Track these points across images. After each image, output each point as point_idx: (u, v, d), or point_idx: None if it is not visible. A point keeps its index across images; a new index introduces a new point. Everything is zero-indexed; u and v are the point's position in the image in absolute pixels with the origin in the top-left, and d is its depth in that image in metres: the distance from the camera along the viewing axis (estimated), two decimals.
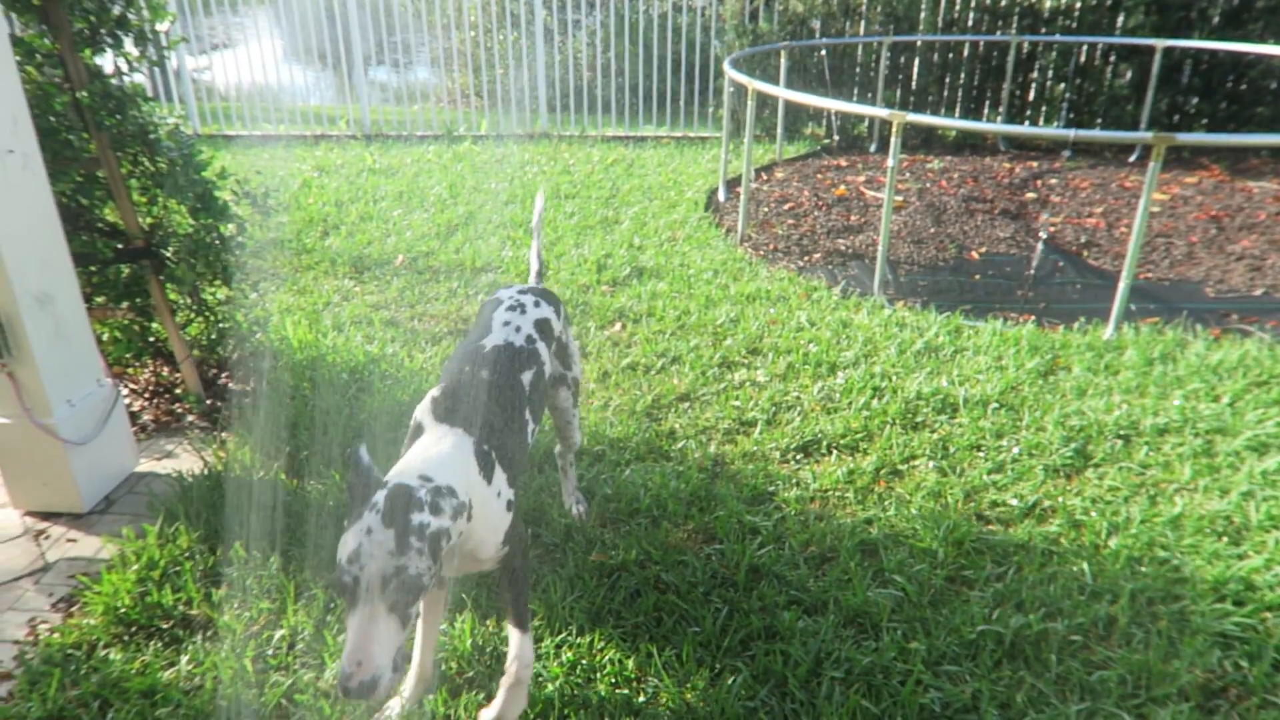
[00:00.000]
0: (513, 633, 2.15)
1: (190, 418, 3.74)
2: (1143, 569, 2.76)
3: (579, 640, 2.47)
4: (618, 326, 4.51)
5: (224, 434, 3.56)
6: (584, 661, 2.41)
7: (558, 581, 2.68)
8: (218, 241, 3.72)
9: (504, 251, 5.59)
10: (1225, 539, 2.90)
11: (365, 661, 1.58)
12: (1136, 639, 2.49)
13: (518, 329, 2.46)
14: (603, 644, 2.46)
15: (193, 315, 3.93)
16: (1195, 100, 9.31)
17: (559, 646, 2.45)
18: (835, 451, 3.42)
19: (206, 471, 3.20)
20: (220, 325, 3.97)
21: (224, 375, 4.00)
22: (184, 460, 3.42)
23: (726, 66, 6.55)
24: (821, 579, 2.71)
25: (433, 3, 10.39)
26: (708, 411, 3.70)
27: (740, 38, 9.36)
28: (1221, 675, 2.37)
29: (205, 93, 9.91)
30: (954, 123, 5.04)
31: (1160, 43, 8.26)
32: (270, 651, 2.44)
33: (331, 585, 1.62)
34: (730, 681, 2.31)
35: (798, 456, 3.40)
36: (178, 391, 3.88)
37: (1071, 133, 4.49)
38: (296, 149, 8.70)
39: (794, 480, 3.23)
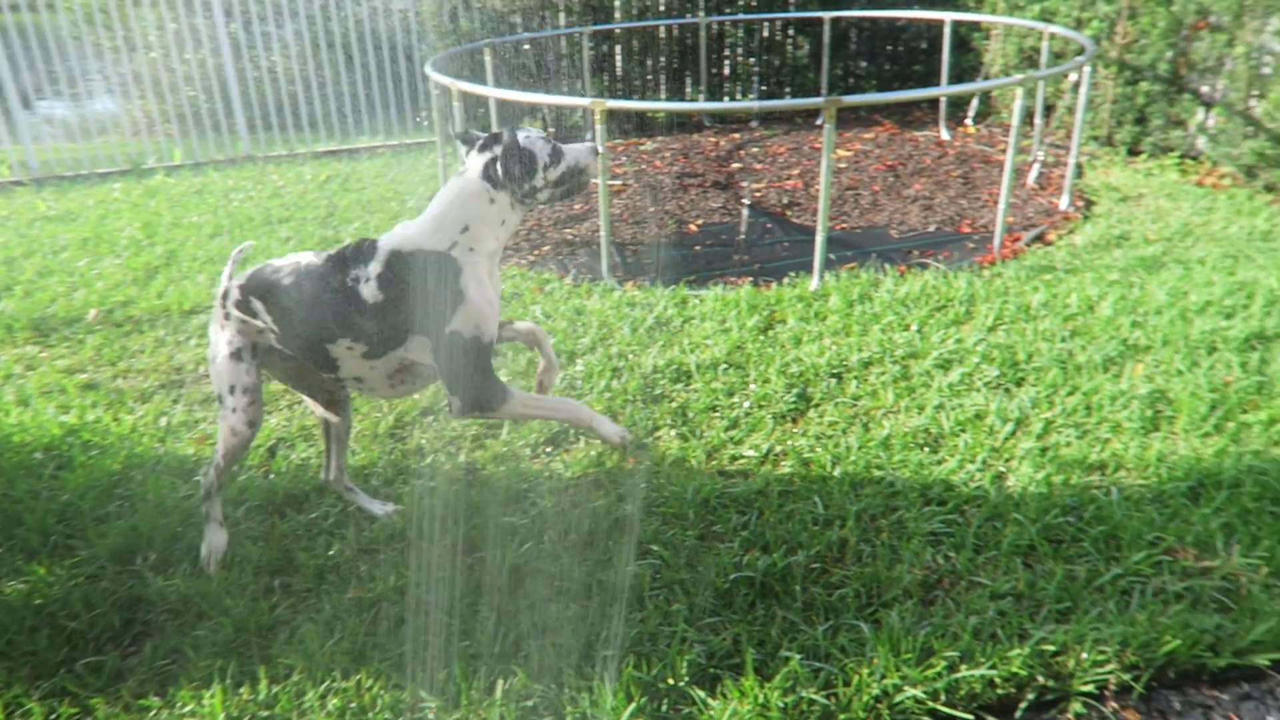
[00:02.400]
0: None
1: None
2: (864, 490, 3.05)
3: (344, 684, 2.36)
4: None
5: None
6: (353, 704, 2.31)
7: (315, 628, 2.54)
8: None
9: (215, 289, 5.18)
10: (926, 449, 3.27)
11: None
12: (865, 554, 2.75)
13: None
14: (371, 682, 2.36)
15: None
16: (863, 64, 10.37)
17: (324, 696, 2.33)
18: (583, 438, 3.49)
19: None
20: None
21: None
22: None
23: (428, 69, 6.44)
24: (583, 564, 2.77)
25: (95, 25, 9.37)
26: (453, 421, 3.66)
27: (442, 38, 9.24)
28: (935, 569, 2.68)
29: None
30: (650, 105, 5.29)
31: (827, 14, 9.09)
32: None
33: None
34: (505, 686, 2.31)
35: (548, 449, 3.45)
36: None
37: (756, 104, 4.84)
38: None
39: (547, 473, 3.27)
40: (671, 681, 2.32)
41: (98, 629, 2.60)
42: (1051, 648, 2.34)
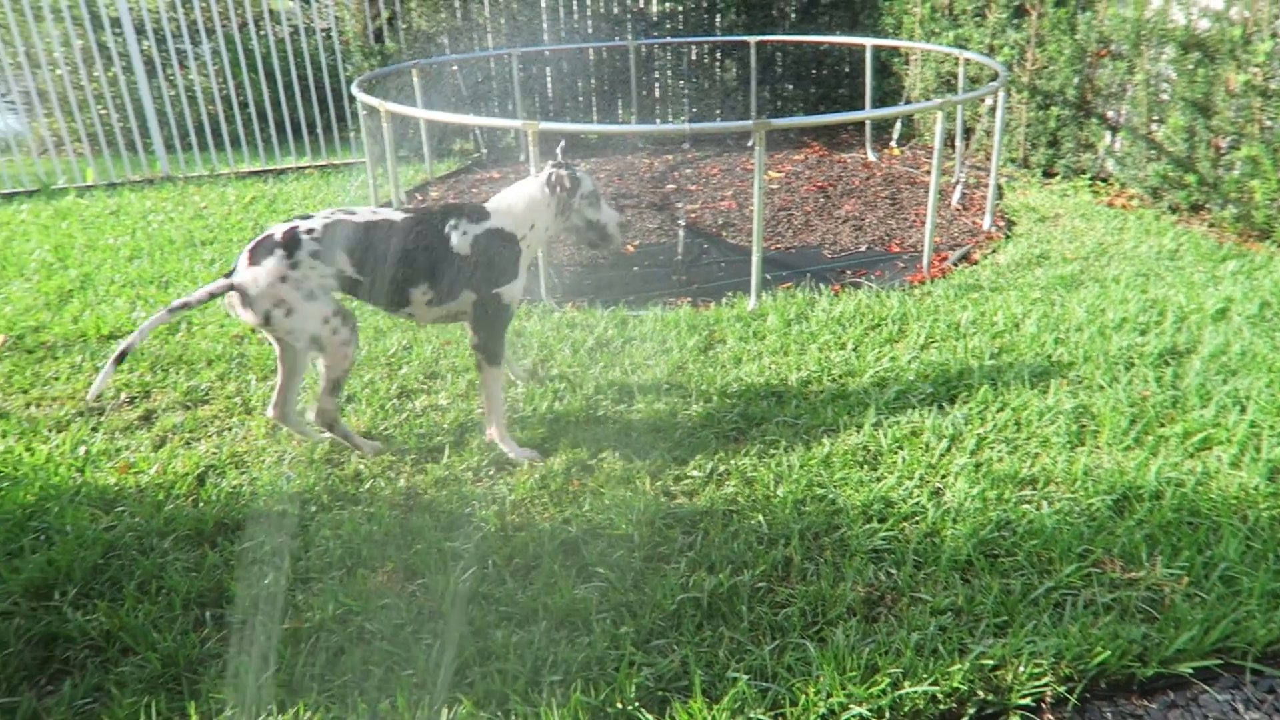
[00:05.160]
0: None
1: None
2: (807, 509, 3.09)
3: (280, 718, 2.27)
4: None
5: None
6: None
7: (248, 661, 2.45)
8: None
9: (135, 313, 4.99)
10: (866, 466, 3.33)
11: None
12: (810, 572, 2.78)
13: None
14: (308, 714, 2.29)
15: None
16: (790, 87, 10.59)
17: None
18: (527, 460, 3.45)
19: None
20: None
21: None
22: None
23: (355, 90, 6.34)
24: (529, 588, 2.73)
25: None
26: (391, 445, 3.58)
27: (368, 58, 9.12)
28: (878, 586, 2.72)
29: None
30: (584, 127, 5.34)
31: (753, 38, 9.27)
32: None
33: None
34: (449, 714, 2.26)
35: (490, 472, 3.40)
36: None
37: (688, 127, 4.89)
38: None
39: (490, 497, 3.22)
40: (620, 706, 2.29)
41: (10, 668, 2.46)
42: (990, 662, 2.40)
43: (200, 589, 2.75)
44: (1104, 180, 7.30)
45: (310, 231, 3.16)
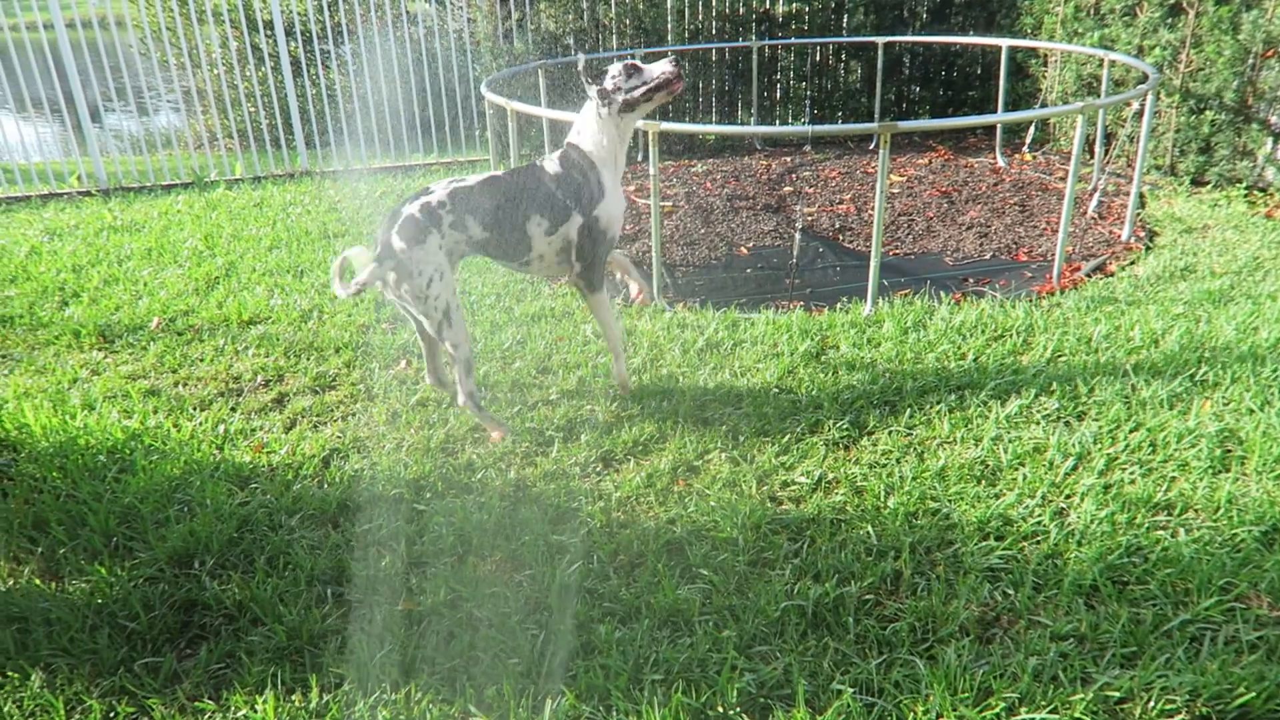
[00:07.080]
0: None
1: None
2: (919, 522, 3.00)
3: (394, 696, 2.36)
4: (403, 364, 4.38)
5: None
6: (403, 717, 2.32)
7: (366, 639, 2.56)
8: None
9: (273, 301, 5.29)
10: (983, 482, 3.20)
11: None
12: (920, 588, 2.70)
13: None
14: (419, 695, 2.37)
15: None
16: (917, 89, 10.30)
17: (374, 707, 2.34)
18: (633, 458, 3.48)
19: None
20: None
21: None
22: None
23: (484, 89, 6.53)
24: (632, 586, 2.75)
25: (163, 42, 9.67)
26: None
27: (496, 59, 9.37)
28: (993, 606, 2.62)
29: None
30: (705, 128, 5.31)
31: (880, 39, 9.05)
32: None
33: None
34: (553, 705, 2.30)
35: (598, 468, 3.44)
36: None
37: (810, 128, 4.82)
38: (19, 212, 7.82)
39: (596, 493, 3.26)
40: (720, 710, 2.28)
41: (155, 630, 2.65)
42: (1116, 694, 2.27)
43: (323, 567, 2.88)
44: (1262, 190, 6.79)
45: (443, 205, 3.47)
